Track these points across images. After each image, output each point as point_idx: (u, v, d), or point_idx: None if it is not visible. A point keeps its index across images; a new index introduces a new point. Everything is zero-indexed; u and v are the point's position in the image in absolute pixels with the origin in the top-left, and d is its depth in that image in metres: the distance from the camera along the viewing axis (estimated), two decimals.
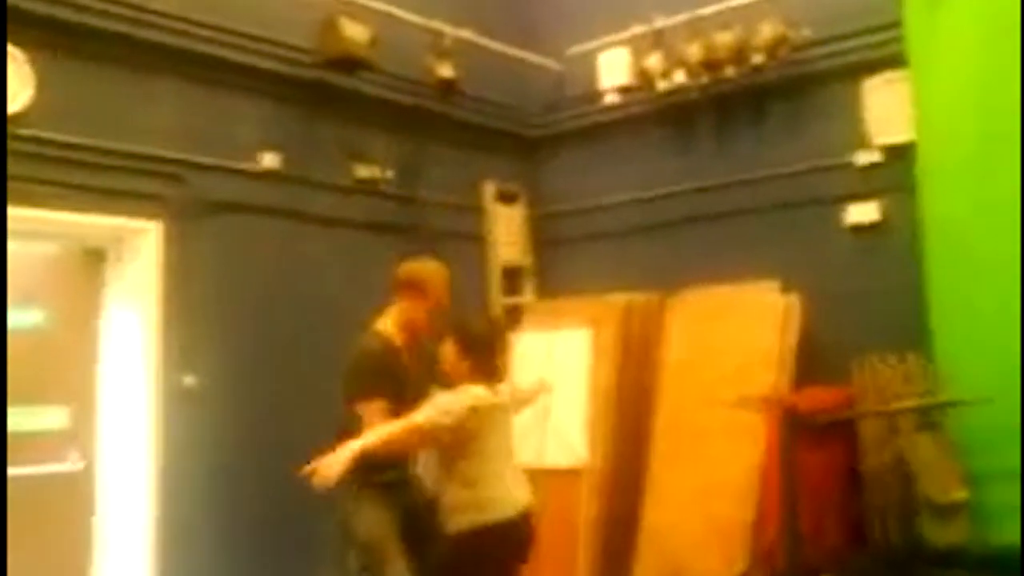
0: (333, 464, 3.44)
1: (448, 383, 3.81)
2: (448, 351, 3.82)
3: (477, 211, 6.80)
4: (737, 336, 5.66)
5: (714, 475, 5.33)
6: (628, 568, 5.54)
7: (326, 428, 5.55)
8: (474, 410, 3.62)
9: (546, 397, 4.58)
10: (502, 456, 3.77)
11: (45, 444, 4.87)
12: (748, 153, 6.26)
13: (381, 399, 3.81)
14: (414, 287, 4.07)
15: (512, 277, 6.90)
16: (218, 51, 5.35)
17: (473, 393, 3.67)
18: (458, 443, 3.61)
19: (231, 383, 5.25)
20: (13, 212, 4.54)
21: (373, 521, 3.88)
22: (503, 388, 3.84)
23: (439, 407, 3.60)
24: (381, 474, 3.90)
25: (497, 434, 3.76)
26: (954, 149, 5.11)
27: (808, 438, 5.01)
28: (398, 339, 4.09)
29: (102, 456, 5.03)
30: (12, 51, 4.60)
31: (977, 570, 4.60)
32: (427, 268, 4.18)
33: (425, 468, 4.08)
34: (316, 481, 3.43)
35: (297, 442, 5.32)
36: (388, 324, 4.12)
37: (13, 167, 4.55)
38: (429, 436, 3.61)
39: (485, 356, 3.78)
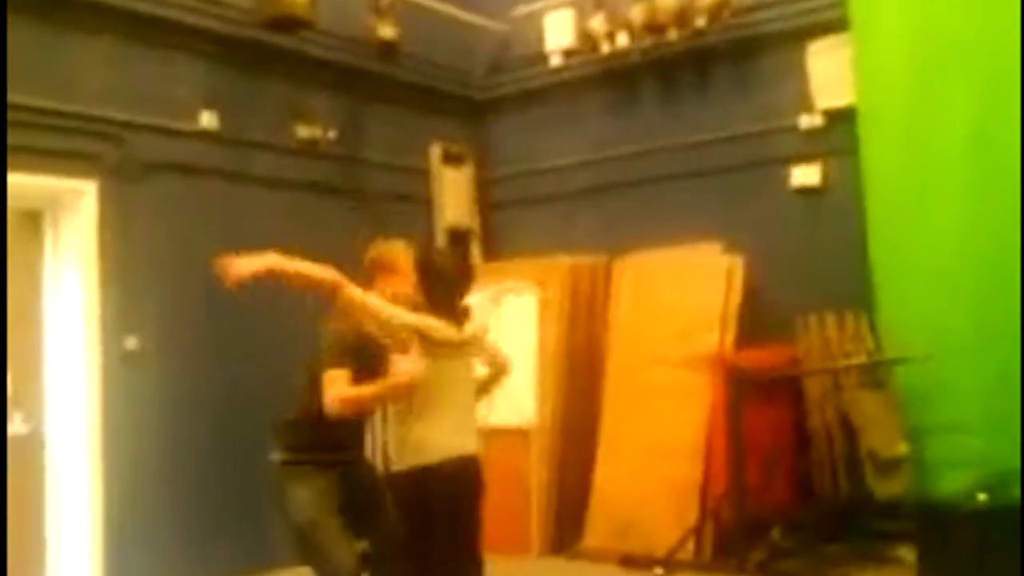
0: (247, 264, 3.33)
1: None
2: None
3: (423, 173, 6.74)
4: (682, 297, 5.71)
5: (663, 433, 5.39)
6: (580, 525, 5.59)
7: (266, 388, 5.52)
8: (420, 334, 3.49)
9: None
10: (450, 400, 3.67)
11: None
12: (692, 116, 6.28)
13: (344, 369, 3.73)
14: (385, 267, 4.00)
15: (459, 240, 6.85)
16: (156, 9, 5.21)
17: (427, 321, 3.56)
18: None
19: (174, 345, 5.16)
20: None
21: (305, 502, 3.63)
22: (465, 331, 3.72)
23: (387, 306, 3.50)
24: (322, 454, 3.79)
25: (446, 376, 3.66)
26: (891, 112, 5.16)
27: (754, 396, 5.09)
28: None
29: (48, 419, 4.91)
30: None
31: (915, 520, 4.70)
32: (396, 247, 4.10)
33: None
34: (228, 280, 3.31)
35: (240, 402, 5.35)
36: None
37: None
38: (359, 308, 3.46)
39: (445, 294, 3.67)
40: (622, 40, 6.36)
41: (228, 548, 5.23)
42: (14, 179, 4.66)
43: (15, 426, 4.81)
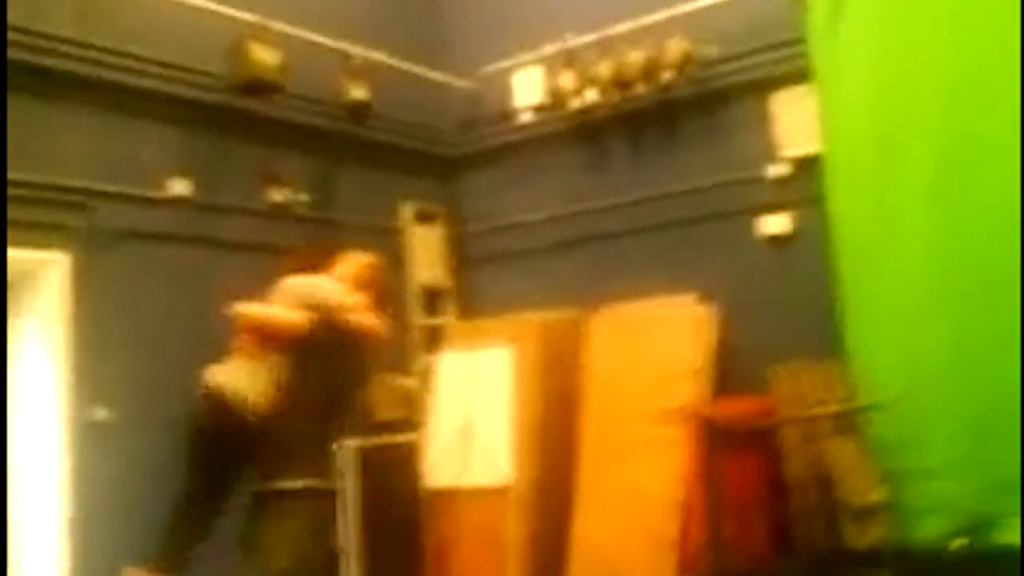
0: None
1: None
2: None
3: (395, 232, 6.76)
4: (656, 350, 5.71)
5: (641, 487, 5.35)
6: None
7: None
8: None
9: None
10: None
11: None
12: (661, 168, 6.33)
13: None
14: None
15: (432, 298, 6.87)
16: (123, 77, 5.26)
17: None
18: None
19: (144, 416, 5.10)
20: None
21: (290, 545, 3.67)
22: None
23: None
24: (290, 479, 3.75)
25: None
26: (856, 158, 5.22)
27: (729, 447, 5.08)
28: None
29: (14, 489, 4.85)
30: None
31: (895, 567, 4.68)
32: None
33: None
34: None
35: None
36: None
37: None
38: None
39: None
40: (591, 96, 6.43)
41: None
42: None
43: None
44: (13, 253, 4.79)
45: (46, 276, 4.94)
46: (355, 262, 4.31)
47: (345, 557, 5.15)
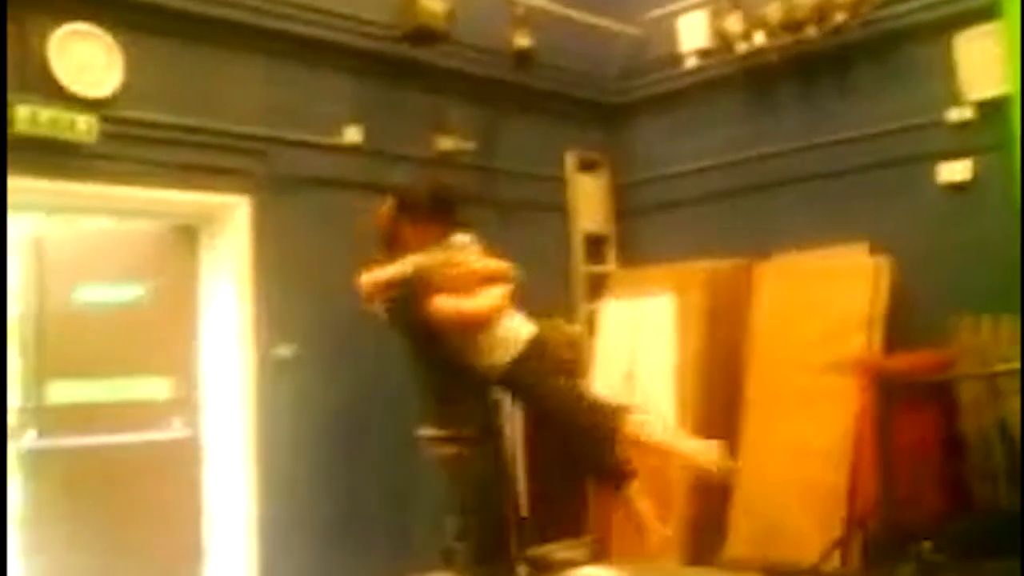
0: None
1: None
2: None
3: (558, 181, 6.78)
4: (827, 300, 5.57)
5: (808, 439, 5.27)
6: (723, 532, 5.52)
7: (415, 395, 5.68)
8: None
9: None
10: None
11: (151, 413, 5.04)
12: (834, 114, 6.10)
13: None
14: None
15: (595, 246, 6.87)
16: (299, 28, 5.41)
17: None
18: None
19: (322, 353, 5.35)
20: (110, 191, 4.70)
21: (472, 482, 3.99)
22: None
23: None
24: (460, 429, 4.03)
25: None
26: None
27: (903, 402, 4.92)
28: None
29: (205, 424, 5.17)
30: (101, 35, 4.72)
31: None
32: None
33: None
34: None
35: (389, 410, 5.50)
36: None
37: (109, 147, 4.69)
38: None
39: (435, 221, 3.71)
40: (759, 39, 6.23)
41: (374, 554, 5.39)
42: (171, 196, 4.94)
43: (176, 430, 5.08)
44: (200, 196, 5.05)
45: (230, 219, 5.18)
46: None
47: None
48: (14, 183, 4.34)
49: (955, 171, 5.60)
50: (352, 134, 5.64)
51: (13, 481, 5.17)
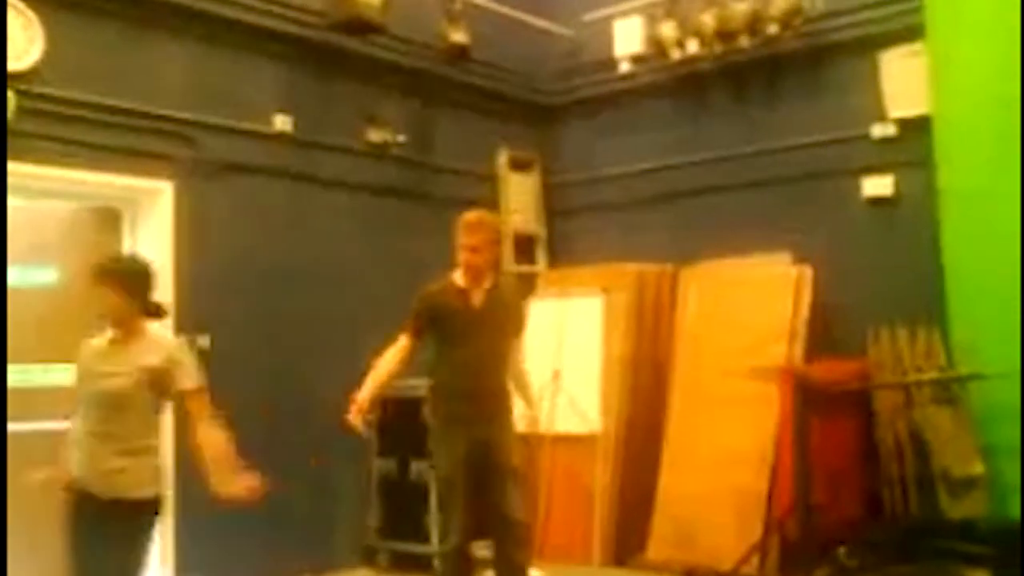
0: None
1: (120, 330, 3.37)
2: (109, 296, 3.32)
3: (490, 178, 6.75)
4: (751, 307, 5.64)
5: (729, 444, 5.33)
6: (643, 535, 5.54)
7: (337, 385, 5.60)
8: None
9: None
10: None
11: (59, 400, 4.84)
12: (763, 124, 6.20)
13: (405, 332, 4.27)
14: (459, 233, 4.33)
15: (525, 245, 6.85)
16: (230, 12, 5.30)
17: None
18: None
19: (240, 344, 5.21)
20: (27, 169, 4.52)
21: (443, 459, 4.15)
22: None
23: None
24: (447, 406, 4.18)
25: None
26: (972, 120, 5.05)
27: (822, 409, 4.99)
28: (460, 282, 4.33)
29: None
30: (22, 8, 4.54)
31: (992, 543, 4.58)
32: (464, 215, 4.41)
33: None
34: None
35: (310, 400, 5.42)
36: (456, 272, 4.39)
37: (26, 124, 4.52)
38: None
39: (148, 295, 3.41)
40: (692, 47, 6.29)
41: (292, 550, 5.30)
42: (95, 177, 4.78)
43: None
44: (124, 179, 4.90)
45: (153, 204, 5.04)
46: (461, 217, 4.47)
47: None
48: None
49: (878, 186, 5.73)
50: (281, 122, 5.54)
51: None
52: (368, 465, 5.76)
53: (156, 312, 3.48)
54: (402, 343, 4.26)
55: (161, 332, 3.66)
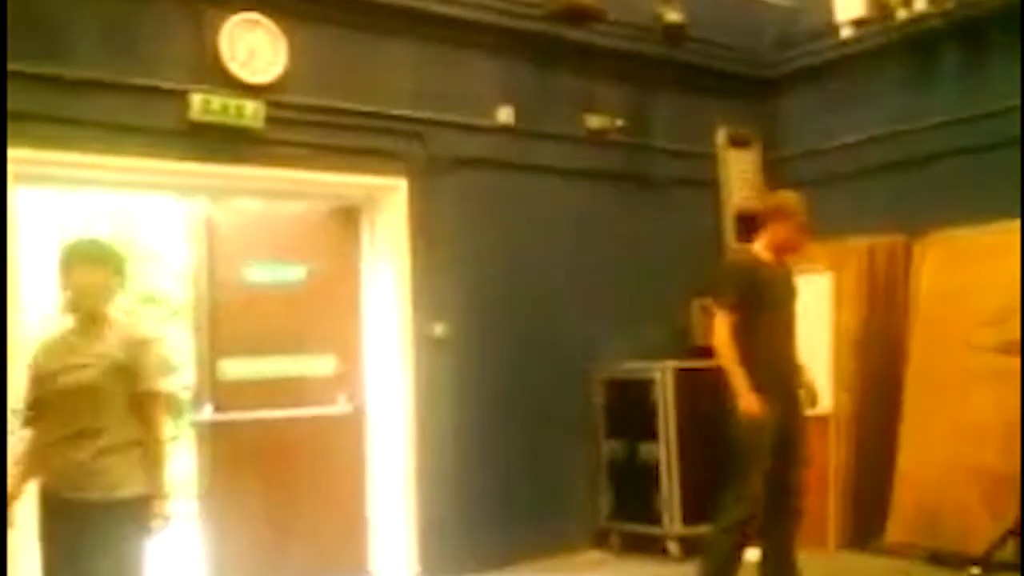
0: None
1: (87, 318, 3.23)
2: (89, 278, 3.18)
3: (709, 157, 6.68)
4: (993, 277, 5.33)
5: (973, 421, 5.09)
6: (882, 514, 5.38)
7: (564, 372, 5.75)
8: None
9: None
10: None
11: (317, 389, 5.23)
12: (1002, 82, 5.79)
13: (723, 308, 4.30)
14: (780, 212, 4.51)
15: (747, 222, 6.73)
16: (451, 10, 5.48)
17: None
18: None
19: (476, 331, 5.47)
20: (274, 173, 4.91)
21: (751, 425, 4.12)
22: None
23: None
24: (760, 374, 4.19)
25: None
26: None
27: None
28: (765, 256, 4.48)
29: (367, 400, 5.35)
30: (267, 24, 4.90)
31: None
32: (789, 195, 4.68)
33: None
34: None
35: (539, 386, 5.59)
36: (758, 246, 4.55)
37: (273, 132, 4.89)
38: None
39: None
40: (920, 5, 5.99)
41: (527, 534, 5.50)
42: (336, 178, 5.11)
43: (340, 405, 5.26)
44: (362, 179, 5.22)
45: (389, 201, 5.32)
46: (782, 196, 4.72)
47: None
48: (187, 167, 4.58)
49: None
50: (504, 115, 5.71)
51: (189, 452, 5.46)
52: (597, 447, 5.88)
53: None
54: (727, 319, 4.27)
55: (130, 323, 3.54)
